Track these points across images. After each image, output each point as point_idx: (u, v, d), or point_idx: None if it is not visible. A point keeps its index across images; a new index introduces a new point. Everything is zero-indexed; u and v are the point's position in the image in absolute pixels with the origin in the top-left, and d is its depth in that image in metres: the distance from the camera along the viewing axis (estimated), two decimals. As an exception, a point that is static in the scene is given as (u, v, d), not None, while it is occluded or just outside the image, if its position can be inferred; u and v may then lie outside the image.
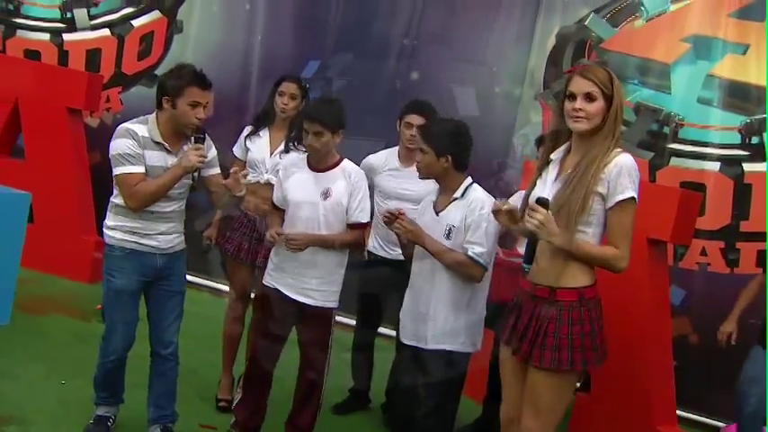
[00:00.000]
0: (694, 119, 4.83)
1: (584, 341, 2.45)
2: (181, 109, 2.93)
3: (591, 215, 2.44)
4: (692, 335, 4.79)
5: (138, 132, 2.96)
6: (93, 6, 6.04)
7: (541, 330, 2.46)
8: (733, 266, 4.76)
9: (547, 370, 2.45)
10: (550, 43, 5.20)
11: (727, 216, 4.75)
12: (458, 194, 2.98)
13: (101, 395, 3.21)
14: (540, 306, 2.49)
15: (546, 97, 5.21)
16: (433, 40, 5.44)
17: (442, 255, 2.92)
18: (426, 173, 3.03)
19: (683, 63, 4.88)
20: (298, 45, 5.66)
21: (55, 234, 5.12)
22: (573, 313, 2.45)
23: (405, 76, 5.43)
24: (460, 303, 2.97)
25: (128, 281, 3.04)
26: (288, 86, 3.65)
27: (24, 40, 6.16)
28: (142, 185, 2.92)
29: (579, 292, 2.46)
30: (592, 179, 2.42)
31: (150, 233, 3.03)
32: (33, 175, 5.15)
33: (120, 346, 3.09)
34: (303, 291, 3.15)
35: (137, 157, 2.92)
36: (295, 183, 3.19)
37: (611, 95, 2.45)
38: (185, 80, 2.94)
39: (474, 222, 2.90)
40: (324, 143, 3.09)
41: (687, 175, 4.77)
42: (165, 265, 3.10)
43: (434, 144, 2.95)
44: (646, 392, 3.69)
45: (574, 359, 2.45)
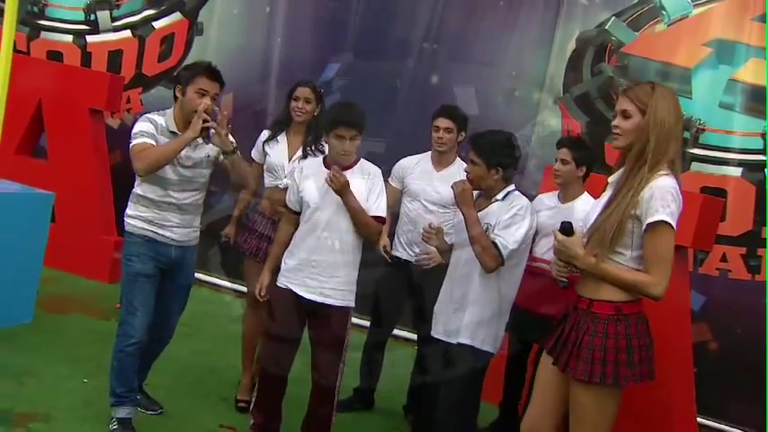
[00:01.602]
0: (716, 124, 4.80)
1: (618, 356, 2.42)
2: (189, 96, 3.13)
3: (627, 238, 2.43)
4: (712, 341, 4.75)
5: (156, 120, 3.18)
6: (115, 8, 6.11)
7: (578, 341, 2.47)
8: (754, 273, 4.72)
9: (581, 382, 2.46)
10: (570, 47, 5.18)
11: (749, 222, 4.71)
12: (499, 197, 3.02)
13: (118, 391, 3.23)
14: (580, 317, 2.49)
15: (565, 101, 5.20)
16: (453, 44, 5.44)
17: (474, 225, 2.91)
18: (477, 184, 3.05)
19: (705, 67, 4.85)
20: (317, 48, 5.68)
21: (76, 234, 5.18)
22: (609, 327, 2.43)
23: (424, 80, 5.43)
24: (491, 304, 2.98)
25: (145, 265, 3.19)
26: (302, 91, 3.69)
27: (48, 42, 6.24)
28: (150, 149, 3.09)
29: (616, 307, 2.45)
30: (630, 201, 2.41)
31: (166, 224, 3.19)
32: (55, 175, 5.21)
33: (140, 328, 3.16)
34: (322, 291, 3.16)
35: (150, 135, 3.12)
36: (311, 184, 3.21)
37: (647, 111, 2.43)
38: (196, 70, 3.18)
39: (507, 219, 2.93)
40: (357, 146, 3.18)
41: (708, 181, 4.74)
42: (179, 256, 3.25)
43: (486, 156, 2.99)
44: (666, 399, 3.66)
45: (605, 372, 2.42)
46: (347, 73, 5.58)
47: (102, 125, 5.55)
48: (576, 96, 5.18)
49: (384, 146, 5.11)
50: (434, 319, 3.14)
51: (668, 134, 2.43)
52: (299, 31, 5.72)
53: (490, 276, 2.93)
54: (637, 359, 2.45)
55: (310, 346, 3.27)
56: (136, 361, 3.23)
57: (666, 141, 2.43)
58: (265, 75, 5.78)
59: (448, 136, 3.78)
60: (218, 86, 3.16)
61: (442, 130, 3.76)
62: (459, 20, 5.45)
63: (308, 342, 3.30)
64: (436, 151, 3.82)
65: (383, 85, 5.46)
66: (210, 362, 4.26)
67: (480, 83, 5.31)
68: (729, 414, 4.62)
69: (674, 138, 2.45)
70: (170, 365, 4.02)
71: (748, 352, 4.63)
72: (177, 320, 3.40)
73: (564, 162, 3.64)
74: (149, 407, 3.50)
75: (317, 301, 3.17)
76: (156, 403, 3.53)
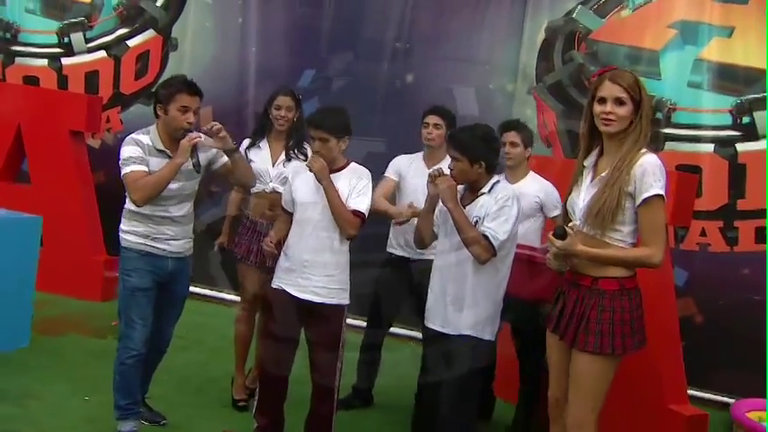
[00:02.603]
0: (686, 103, 4.93)
1: (624, 328, 2.60)
2: (172, 114, 3.16)
3: (623, 215, 2.59)
4: (698, 315, 4.88)
5: (142, 141, 3.20)
6: (88, 30, 6.13)
7: (585, 316, 2.62)
8: (732, 245, 4.86)
9: (590, 353, 2.61)
10: (540, 38, 5.29)
11: (724, 196, 4.85)
12: (485, 190, 3.07)
13: (122, 404, 3.27)
14: (584, 294, 2.64)
15: (539, 91, 5.30)
16: (425, 42, 5.53)
17: (462, 222, 2.97)
18: (462, 180, 3.09)
19: (672, 49, 4.98)
20: (292, 55, 5.74)
21: (65, 256, 5.19)
22: (614, 302, 2.61)
23: (400, 79, 5.52)
24: (487, 294, 3.05)
25: (143, 279, 3.23)
26: (283, 100, 3.80)
27: (23, 67, 6.25)
28: (144, 179, 3.13)
29: (620, 282, 2.62)
30: (621, 181, 2.57)
31: (162, 237, 3.25)
32: (40, 198, 5.22)
33: (140, 341, 3.22)
34: (314, 290, 3.21)
35: (140, 159, 3.15)
36: (302, 185, 3.28)
37: (639, 99, 2.60)
38: (175, 87, 3.19)
39: (495, 211, 2.98)
40: (329, 149, 3.20)
41: (682, 159, 4.86)
42: (175, 268, 3.31)
43: (467, 152, 3.03)
44: (656, 373, 3.76)
45: (614, 344, 2.60)
46: (324, 78, 5.65)
47: (83, 146, 5.58)
48: (549, 85, 5.28)
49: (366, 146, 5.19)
50: (429, 312, 3.19)
51: (649, 117, 2.64)
52: (273, 39, 5.79)
53: (483, 267, 2.99)
54: (637, 328, 2.65)
55: (308, 346, 3.33)
56: (138, 373, 3.28)
57: (648, 123, 2.64)
58: (242, 85, 5.84)
59: (437, 132, 3.92)
60: (199, 99, 3.22)
61: (431, 126, 3.93)
62: (430, 18, 5.55)
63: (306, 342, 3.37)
64: (427, 147, 3.98)
65: (360, 88, 5.53)
66: (208, 372, 4.31)
67: (454, 78, 5.40)
68: (718, 383, 4.74)
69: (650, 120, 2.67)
70: (169, 377, 4.08)
71: (732, 322, 4.77)
72: (173, 330, 3.47)
73: (514, 145, 3.84)
74: (153, 419, 3.55)
75: (311, 300, 3.22)
76: (159, 415, 3.58)
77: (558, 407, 2.79)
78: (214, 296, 5.74)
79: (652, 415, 3.74)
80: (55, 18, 6.19)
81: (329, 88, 5.62)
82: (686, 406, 3.86)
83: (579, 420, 2.64)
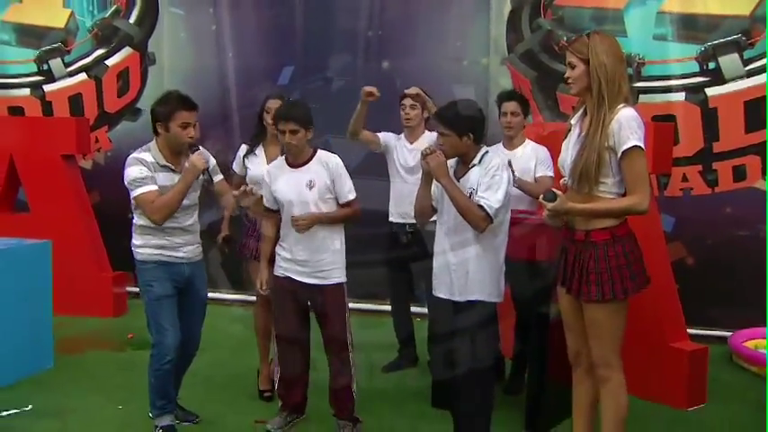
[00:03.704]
0: (654, 56, 5.10)
1: (622, 272, 2.77)
2: (173, 131, 3.29)
3: (607, 168, 2.75)
4: (688, 257, 5.08)
5: (146, 159, 3.32)
6: (66, 54, 6.20)
7: (584, 268, 2.80)
8: (713, 186, 5.05)
9: (595, 302, 2.79)
10: (507, 10, 5.44)
11: (700, 140, 5.04)
12: (476, 161, 3.20)
13: (158, 404, 3.45)
14: (580, 247, 2.82)
15: (512, 61, 5.46)
16: (396, 27, 5.67)
17: (457, 195, 3.11)
18: (452, 153, 3.20)
19: (634, 6, 5.14)
20: (269, 55, 5.85)
21: (73, 277, 5.28)
22: (608, 250, 2.77)
23: (376, 67, 5.65)
24: (489, 259, 3.19)
25: (165, 287, 3.38)
26: (274, 103, 3.93)
27: (6, 99, 6.32)
28: (160, 199, 3.27)
29: (611, 231, 2.78)
30: (601, 136, 2.71)
31: (175, 246, 3.40)
32: (40, 224, 5.31)
33: (173, 346, 3.36)
34: (315, 273, 3.44)
35: (148, 177, 3.28)
36: (281, 184, 3.46)
37: (588, 59, 2.75)
38: (173, 105, 3.30)
39: (487, 181, 3.12)
40: (299, 139, 3.39)
41: (656, 110, 5.04)
42: (192, 273, 3.47)
43: (454, 126, 3.16)
44: (656, 315, 3.94)
45: (614, 290, 2.76)
46: (302, 74, 5.77)
47: (76, 168, 5.69)
48: (520, 54, 5.44)
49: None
50: (435, 281, 3.34)
51: (613, 73, 2.74)
52: (248, 42, 5.89)
53: (483, 235, 3.15)
54: (636, 271, 2.81)
55: (318, 324, 3.53)
56: (171, 375, 3.46)
57: (614, 79, 2.74)
58: (224, 90, 5.94)
59: (414, 112, 4.29)
60: (196, 112, 3.34)
61: (408, 108, 4.29)
62: (399, 3, 5.68)
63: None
64: (406, 127, 4.34)
65: (338, 79, 5.66)
66: (231, 370, 4.46)
67: (428, 59, 5.53)
68: (715, 319, 4.95)
69: (620, 74, 2.76)
70: (194, 379, 4.19)
71: (721, 259, 4.98)
72: (200, 332, 3.62)
73: (514, 114, 4.08)
74: (186, 418, 3.70)
75: (313, 282, 3.43)
76: (191, 414, 3.74)
77: (578, 356, 2.97)
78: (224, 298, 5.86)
79: (656, 354, 3.95)
80: (31, 46, 6.26)
81: (308, 82, 5.74)
82: (686, 342, 4.05)
83: (604, 360, 2.84)
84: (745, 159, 4.95)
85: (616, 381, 2.85)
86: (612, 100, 2.74)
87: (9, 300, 4.15)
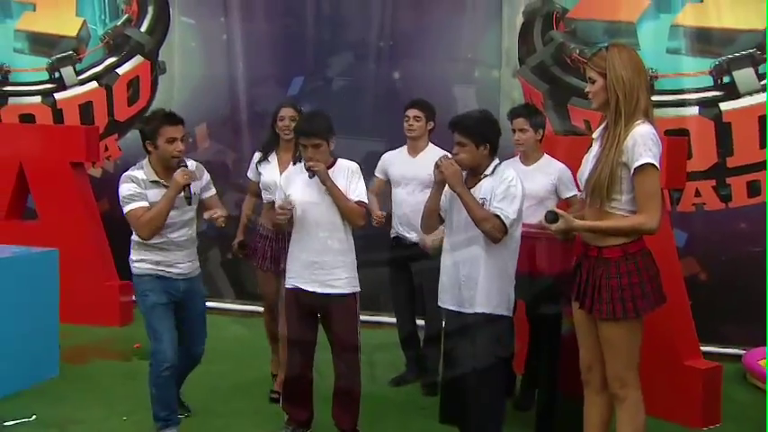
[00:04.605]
0: (667, 69, 5.05)
1: (634, 291, 2.71)
2: (161, 147, 3.38)
3: (620, 184, 2.69)
4: (701, 273, 5.01)
5: (137, 176, 3.41)
6: (77, 62, 6.21)
7: (596, 285, 2.75)
8: (727, 201, 4.99)
9: (607, 320, 2.74)
10: (519, 22, 5.40)
11: (714, 155, 4.98)
12: (488, 172, 3.18)
13: (162, 415, 3.45)
14: (593, 264, 2.77)
15: (523, 73, 5.43)
16: (408, 38, 5.64)
17: (473, 205, 3.07)
18: (468, 164, 3.17)
19: (647, 19, 5.10)
20: (279, 65, 5.84)
21: (80, 286, 5.25)
22: (620, 267, 2.71)
23: (387, 77, 5.63)
24: (500, 271, 3.16)
25: (160, 296, 3.45)
26: (286, 111, 4.05)
27: (18, 106, 6.31)
28: (145, 215, 3.34)
29: (623, 248, 2.72)
30: (616, 151, 2.67)
31: (172, 262, 3.47)
32: (49, 232, 5.30)
33: (170, 352, 3.39)
34: (328, 283, 3.39)
35: (138, 194, 3.36)
36: (298, 189, 3.44)
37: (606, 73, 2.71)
38: (157, 122, 3.41)
39: (503, 191, 3.09)
40: (322, 152, 3.37)
41: (669, 124, 4.98)
42: (188, 288, 3.53)
43: (472, 136, 3.13)
44: (669, 333, 3.87)
45: (626, 308, 2.71)
46: (313, 84, 5.76)
47: (85, 177, 5.68)
48: (532, 67, 5.40)
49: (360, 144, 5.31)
50: (444, 294, 3.30)
51: (631, 86, 2.70)
52: (259, 51, 5.88)
53: (494, 247, 3.11)
54: (649, 289, 2.75)
55: (327, 338, 3.48)
56: (173, 383, 3.48)
57: (632, 94, 2.70)
58: (234, 99, 5.92)
59: (417, 124, 4.22)
60: (182, 127, 3.43)
61: (411, 119, 4.22)
62: (410, 14, 5.67)
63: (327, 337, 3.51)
64: (410, 139, 4.27)
65: (349, 89, 5.65)
66: (236, 380, 4.43)
67: (439, 70, 5.51)
68: (729, 337, 4.87)
69: (638, 88, 2.71)
70: (199, 391, 4.18)
71: (736, 275, 4.91)
72: (204, 338, 3.66)
73: (523, 131, 3.95)
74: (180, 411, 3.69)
75: (325, 293, 3.39)
76: (184, 407, 3.78)
77: (590, 372, 2.91)
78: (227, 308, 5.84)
79: (669, 372, 3.88)
80: (44, 55, 6.25)
81: (319, 93, 5.73)
82: (700, 360, 4.00)
83: (619, 378, 2.79)
84: (760, 174, 4.88)
85: (633, 399, 2.79)
86: (630, 115, 2.69)
87: (15, 308, 4.13)
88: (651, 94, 2.75)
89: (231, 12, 5.88)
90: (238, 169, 5.47)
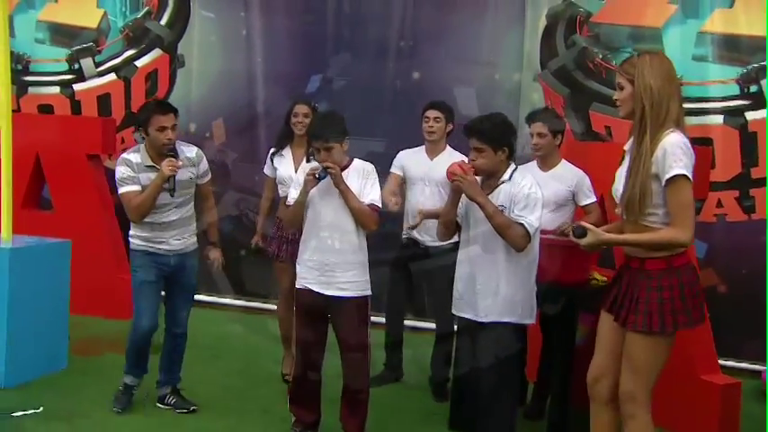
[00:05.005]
0: (692, 77, 4.96)
1: (675, 305, 2.61)
2: (152, 135, 3.57)
3: (655, 197, 2.59)
4: (720, 285, 4.92)
5: (132, 160, 3.61)
6: (97, 54, 6.22)
7: (634, 297, 2.65)
8: (749, 213, 4.89)
9: (640, 333, 2.64)
10: (542, 24, 5.34)
11: (737, 165, 4.89)
12: (505, 178, 3.12)
13: (129, 366, 3.81)
14: (634, 276, 2.68)
15: (544, 77, 5.35)
16: (429, 39, 5.58)
17: (495, 214, 3.01)
18: (485, 169, 3.12)
19: (673, 24, 5.02)
20: (298, 62, 5.81)
21: (93, 277, 5.25)
22: (662, 280, 2.62)
23: (406, 77, 5.58)
24: (518, 277, 3.10)
25: (148, 274, 3.68)
26: (301, 108, 4.18)
27: (37, 96, 6.34)
28: (135, 200, 3.57)
29: (667, 261, 2.62)
30: (647, 163, 2.57)
31: (163, 239, 3.67)
32: (63, 223, 5.30)
33: (146, 328, 3.68)
34: (339, 285, 3.33)
35: (130, 178, 3.58)
36: (314, 189, 3.37)
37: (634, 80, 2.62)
38: (149, 111, 3.60)
39: (523, 198, 3.03)
40: (335, 154, 3.31)
41: (693, 132, 4.75)
42: (178, 263, 3.73)
43: (491, 141, 3.07)
44: (686, 346, 3.78)
45: (664, 322, 2.61)
46: (330, 82, 5.72)
47: (101, 168, 5.67)
48: (554, 70, 5.33)
49: (377, 145, 5.27)
50: (460, 302, 3.24)
51: (660, 95, 2.59)
52: (278, 48, 5.85)
53: (513, 253, 3.05)
54: (690, 306, 2.65)
55: (337, 341, 3.43)
56: (146, 348, 3.77)
57: (660, 103, 2.59)
58: (251, 95, 5.90)
59: (437, 125, 4.17)
60: (173, 116, 3.58)
61: (431, 120, 4.18)
62: (432, 14, 5.60)
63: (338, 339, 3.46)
64: (428, 141, 4.22)
65: (368, 88, 5.60)
66: (245, 379, 4.39)
67: (459, 72, 5.46)
68: (747, 351, 4.77)
69: (669, 97, 2.61)
70: (208, 388, 4.17)
71: (755, 289, 4.78)
72: (186, 316, 3.85)
73: (541, 135, 3.84)
74: (183, 406, 3.85)
75: (337, 296, 3.33)
76: (189, 402, 3.87)
77: (597, 383, 2.83)
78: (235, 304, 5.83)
79: (686, 387, 3.80)
80: (64, 45, 6.28)
81: (337, 91, 5.69)
82: (718, 375, 3.91)
83: (631, 395, 2.69)
84: (786, 186, 4.79)
85: (641, 421, 2.69)
86: (658, 124, 2.59)
87: (26, 298, 4.12)
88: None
89: (251, 7, 5.87)
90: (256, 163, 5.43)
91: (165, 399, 3.86)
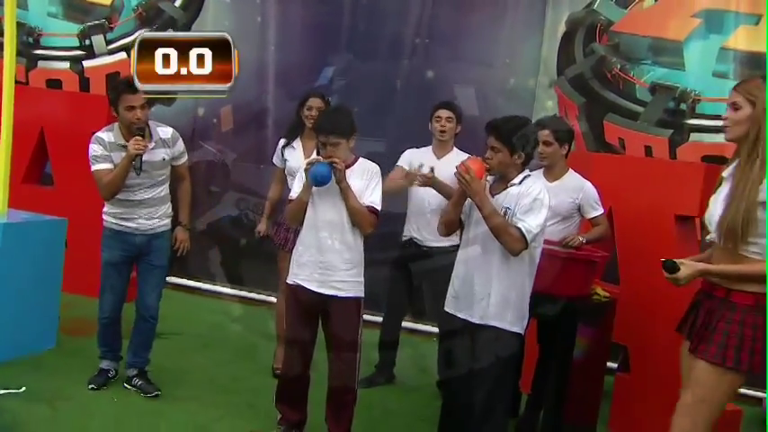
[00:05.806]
0: (711, 93, 4.87)
1: (756, 345, 2.46)
2: (121, 114, 3.61)
3: (759, 226, 2.44)
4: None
5: (104, 138, 3.65)
6: (109, 31, 6.16)
7: (711, 325, 2.52)
8: None
9: (710, 362, 2.49)
10: (561, 31, 5.24)
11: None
12: (516, 181, 3.04)
13: (102, 349, 3.88)
14: (716, 305, 2.54)
15: (560, 84, 5.25)
16: (445, 38, 5.50)
17: (492, 215, 2.94)
18: (499, 169, 3.04)
19: (696, 38, 4.91)
20: (311, 53, 5.74)
21: (89, 257, 5.13)
22: (747, 316, 2.46)
23: (420, 76, 5.49)
24: (516, 285, 3.02)
25: (113, 255, 3.75)
26: (314, 101, 4.14)
27: (46, 71, 6.29)
28: (105, 178, 3.61)
29: (756, 297, 2.46)
30: (751, 190, 2.44)
31: (130, 217, 3.70)
32: (64, 200, 5.24)
33: (109, 306, 3.78)
34: (333, 285, 3.25)
35: (103, 156, 3.62)
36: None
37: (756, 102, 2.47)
38: (119, 90, 3.60)
39: (528, 204, 2.95)
40: (341, 150, 3.22)
41: (708, 150, 4.79)
42: (146, 243, 3.74)
43: (509, 142, 2.99)
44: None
45: (740, 359, 2.46)
46: (343, 75, 5.64)
47: (105, 147, 5.62)
48: (570, 78, 5.24)
49: (385, 143, 5.19)
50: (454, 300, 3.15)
51: None
52: (292, 37, 5.78)
53: (512, 259, 2.97)
54: (760, 349, 2.47)
55: (326, 341, 3.35)
56: (115, 328, 3.86)
57: None
58: (262, 83, 5.83)
59: (449, 125, 4.13)
60: (141, 95, 3.53)
61: (444, 120, 4.13)
62: (450, 13, 5.51)
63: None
64: (438, 140, 4.17)
65: (380, 84, 5.52)
66: (233, 371, 4.33)
67: (475, 73, 5.38)
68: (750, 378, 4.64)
69: None
70: (196, 377, 4.11)
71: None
72: (155, 300, 3.82)
73: (547, 144, 3.71)
74: (146, 389, 3.82)
75: (330, 294, 3.25)
76: (153, 387, 3.85)
77: None
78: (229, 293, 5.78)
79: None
80: (76, 21, 6.22)
81: (347, 86, 5.61)
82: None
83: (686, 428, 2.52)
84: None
85: None
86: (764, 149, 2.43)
87: (18, 274, 4.07)
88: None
89: (268, -7, 5.80)
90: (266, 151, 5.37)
91: (132, 380, 3.87)
